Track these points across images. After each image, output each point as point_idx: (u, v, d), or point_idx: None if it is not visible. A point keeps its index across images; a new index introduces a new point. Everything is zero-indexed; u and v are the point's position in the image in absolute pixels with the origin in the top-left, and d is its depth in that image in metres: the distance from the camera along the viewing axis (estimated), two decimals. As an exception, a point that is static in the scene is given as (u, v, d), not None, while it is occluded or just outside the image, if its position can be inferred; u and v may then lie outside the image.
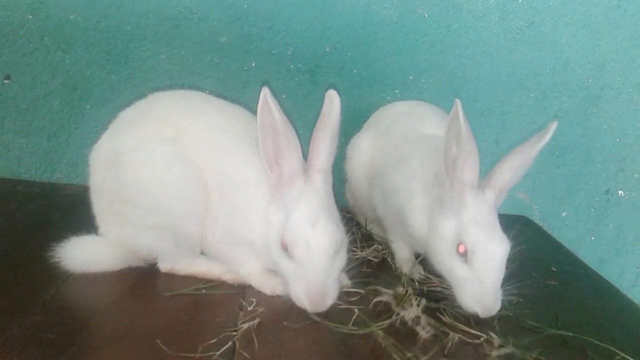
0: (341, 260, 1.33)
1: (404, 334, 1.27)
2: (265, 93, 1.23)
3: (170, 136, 1.41)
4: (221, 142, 1.44)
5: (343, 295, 1.38)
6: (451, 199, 1.38)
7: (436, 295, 1.42)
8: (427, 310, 1.35)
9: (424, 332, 1.27)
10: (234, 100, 1.63)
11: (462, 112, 1.29)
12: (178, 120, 1.45)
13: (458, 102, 1.29)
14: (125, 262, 1.47)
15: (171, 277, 1.46)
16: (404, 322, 1.31)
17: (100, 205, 1.46)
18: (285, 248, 1.28)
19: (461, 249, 1.34)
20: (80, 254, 1.42)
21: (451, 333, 1.27)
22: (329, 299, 1.27)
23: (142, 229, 1.39)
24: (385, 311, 1.35)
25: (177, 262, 1.47)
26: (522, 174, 1.41)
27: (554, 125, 1.38)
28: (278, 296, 1.38)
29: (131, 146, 1.38)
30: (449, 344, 1.24)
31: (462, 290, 1.35)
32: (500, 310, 1.34)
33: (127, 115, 1.51)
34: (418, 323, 1.30)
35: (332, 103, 1.32)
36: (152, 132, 1.41)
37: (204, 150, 1.42)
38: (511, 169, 1.39)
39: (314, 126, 1.32)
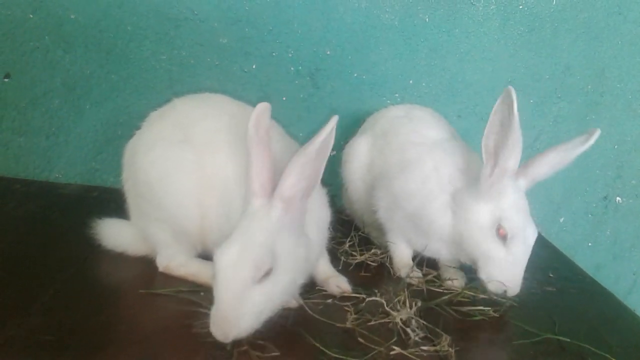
0: (270, 290, 1.14)
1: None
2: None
3: (180, 138, 1.46)
4: (223, 144, 1.45)
5: (343, 299, 1.40)
6: (490, 184, 1.42)
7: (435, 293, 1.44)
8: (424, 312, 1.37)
9: (414, 334, 1.28)
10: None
11: (516, 101, 1.32)
12: (189, 123, 1.50)
13: (512, 89, 1.34)
14: (147, 250, 1.55)
15: (170, 279, 1.46)
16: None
17: (129, 199, 1.58)
18: None
19: (502, 232, 1.39)
20: (113, 233, 1.57)
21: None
22: (235, 329, 1.10)
23: (150, 221, 1.48)
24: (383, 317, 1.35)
25: (173, 258, 1.48)
26: (557, 170, 1.48)
27: (597, 133, 1.46)
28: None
29: (146, 146, 1.48)
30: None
31: (496, 270, 1.40)
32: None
33: (152, 115, 1.59)
34: (409, 325, 1.30)
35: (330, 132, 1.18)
36: (164, 133, 1.49)
37: (207, 152, 1.44)
38: (549, 164, 1.47)
39: (313, 128, 1.29)
